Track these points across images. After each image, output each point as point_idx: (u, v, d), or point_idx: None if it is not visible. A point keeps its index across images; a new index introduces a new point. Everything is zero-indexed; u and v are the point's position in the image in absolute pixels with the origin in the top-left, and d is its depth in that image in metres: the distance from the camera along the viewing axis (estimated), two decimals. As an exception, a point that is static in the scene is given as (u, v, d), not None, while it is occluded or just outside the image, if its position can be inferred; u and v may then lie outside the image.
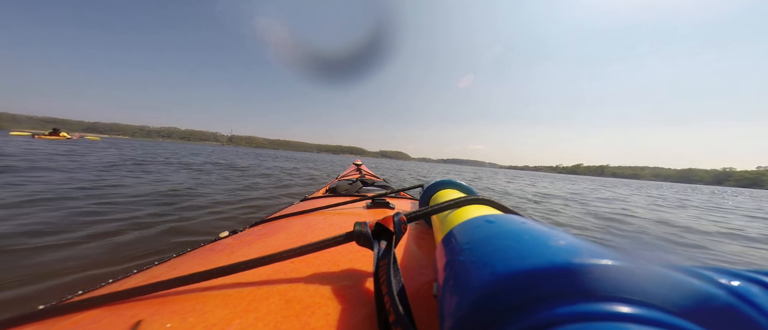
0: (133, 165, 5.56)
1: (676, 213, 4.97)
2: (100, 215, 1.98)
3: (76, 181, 3.22)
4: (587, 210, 4.48)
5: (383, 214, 0.50)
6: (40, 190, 2.54)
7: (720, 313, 0.11)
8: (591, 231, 2.98)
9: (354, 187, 1.35)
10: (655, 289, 0.11)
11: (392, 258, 0.28)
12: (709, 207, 6.68)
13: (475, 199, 0.38)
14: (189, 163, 7.41)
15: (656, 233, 3.11)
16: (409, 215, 0.36)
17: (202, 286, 0.32)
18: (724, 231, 3.40)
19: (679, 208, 5.97)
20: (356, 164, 3.41)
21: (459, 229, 0.27)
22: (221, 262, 0.37)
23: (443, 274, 0.22)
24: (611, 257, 0.13)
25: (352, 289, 0.33)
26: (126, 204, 2.35)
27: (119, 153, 9.02)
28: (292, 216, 0.80)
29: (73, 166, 4.50)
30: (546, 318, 0.11)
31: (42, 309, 0.30)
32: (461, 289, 0.17)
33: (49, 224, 1.70)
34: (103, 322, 0.27)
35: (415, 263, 0.43)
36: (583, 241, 0.16)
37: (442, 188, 0.62)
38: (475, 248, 0.20)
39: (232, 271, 0.31)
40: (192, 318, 0.26)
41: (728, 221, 4.32)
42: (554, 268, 0.13)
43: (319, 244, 0.33)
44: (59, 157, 5.77)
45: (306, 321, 0.26)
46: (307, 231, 0.61)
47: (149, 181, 3.70)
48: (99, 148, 11.78)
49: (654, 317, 0.10)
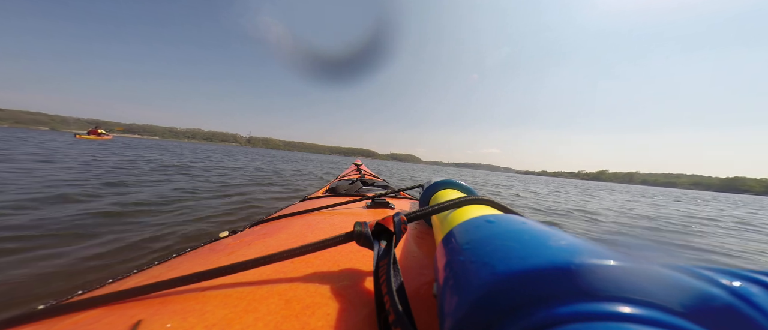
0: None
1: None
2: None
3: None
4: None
5: (383, 214, 0.50)
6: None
7: (720, 313, 0.11)
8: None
9: (354, 187, 1.35)
10: (655, 289, 0.11)
11: (392, 258, 0.28)
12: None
13: (475, 199, 0.38)
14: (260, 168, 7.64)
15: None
16: (409, 215, 0.36)
17: (202, 286, 0.32)
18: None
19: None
20: (356, 164, 3.41)
21: (459, 229, 0.27)
22: (221, 262, 0.37)
23: (443, 274, 0.22)
24: (611, 257, 0.13)
25: (352, 289, 0.33)
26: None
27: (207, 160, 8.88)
28: (292, 216, 0.80)
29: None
30: (546, 318, 0.11)
31: (42, 309, 0.30)
32: (461, 289, 0.17)
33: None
34: (103, 322, 0.27)
35: (415, 263, 0.43)
36: (584, 241, 0.16)
37: (442, 188, 0.62)
38: (475, 248, 0.20)
39: (232, 271, 0.31)
40: (192, 318, 0.26)
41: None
42: (554, 268, 0.13)
43: (319, 244, 0.33)
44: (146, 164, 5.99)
45: (306, 321, 0.26)
46: (307, 231, 0.61)
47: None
48: (171, 150, 12.20)
49: (654, 317, 0.10)
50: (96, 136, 21.66)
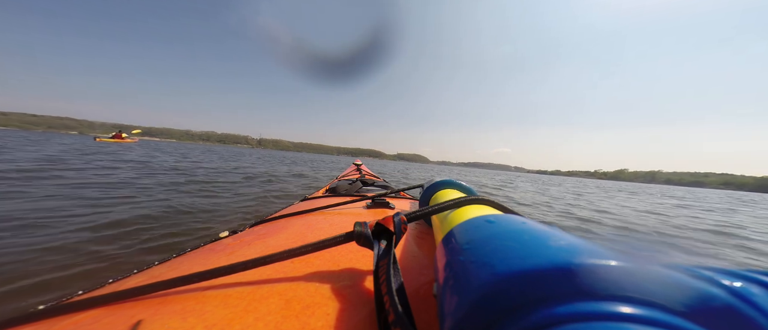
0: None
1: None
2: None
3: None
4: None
5: (383, 214, 0.50)
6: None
7: (720, 314, 0.11)
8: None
9: (354, 187, 1.35)
10: (655, 289, 0.11)
11: (392, 258, 0.28)
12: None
13: (475, 199, 0.38)
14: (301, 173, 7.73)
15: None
16: (409, 215, 0.36)
17: (202, 286, 0.32)
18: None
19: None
20: (356, 164, 3.41)
21: (459, 229, 0.27)
22: (221, 262, 0.37)
23: (443, 274, 0.22)
24: (611, 257, 0.13)
25: (352, 289, 0.33)
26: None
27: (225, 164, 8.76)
28: (292, 216, 0.80)
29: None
30: (546, 318, 0.11)
31: (42, 309, 0.30)
32: (461, 289, 0.17)
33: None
34: (103, 322, 0.27)
35: (415, 263, 0.43)
36: (584, 241, 0.16)
37: (442, 188, 0.62)
38: (475, 248, 0.20)
39: (232, 271, 0.31)
40: (192, 318, 0.26)
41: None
42: (554, 268, 0.13)
43: (319, 244, 0.33)
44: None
45: (306, 321, 0.26)
46: (307, 231, 0.61)
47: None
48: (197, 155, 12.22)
49: (654, 317, 0.10)
50: (120, 139, 21.71)
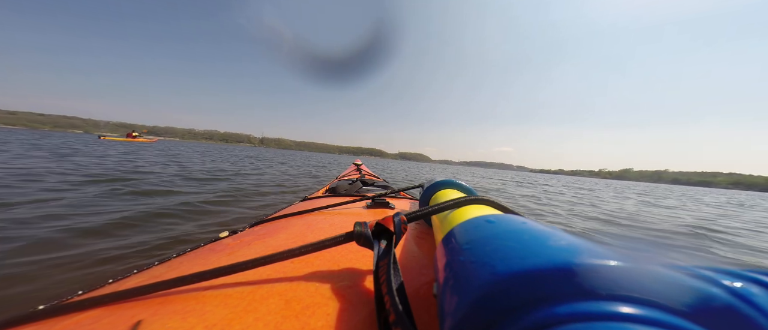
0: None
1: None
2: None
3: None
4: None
5: (383, 214, 0.50)
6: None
7: (720, 314, 0.11)
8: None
9: (354, 187, 1.35)
10: (655, 289, 0.11)
11: (392, 258, 0.27)
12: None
13: (475, 199, 0.38)
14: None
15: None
16: (409, 215, 0.36)
17: (202, 286, 0.32)
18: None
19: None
20: (356, 164, 3.41)
21: (459, 229, 0.27)
22: (221, 262, 0.37)
23: (443, 274, 0.22)
24: (611, 257, 0.13)
25: (352, 289, 0.33)
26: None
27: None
28: (292, 216, 0.80)
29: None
30: (546, 318, 0.11)
31: (42, 309, 0.30)
32: (461, 289, 0.17)
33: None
34: (103, 322, 0.27)
35: (415, 263, 0.43)
36: (584, 241, 0.16)
37: (442, 188, 0.62)
38: (475, 248, 0.20)
39: (232, 271, 0.31)
40: (192, 318, 0.26)
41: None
42: (554, 268, 0.13)
43: (319, 244, 0.33)
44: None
45: (306, 321, 0.26)
46: (307, 231, 0.61)
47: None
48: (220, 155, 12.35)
49: (654, 317, 0.10)
50: (131, 139, 22.38)
